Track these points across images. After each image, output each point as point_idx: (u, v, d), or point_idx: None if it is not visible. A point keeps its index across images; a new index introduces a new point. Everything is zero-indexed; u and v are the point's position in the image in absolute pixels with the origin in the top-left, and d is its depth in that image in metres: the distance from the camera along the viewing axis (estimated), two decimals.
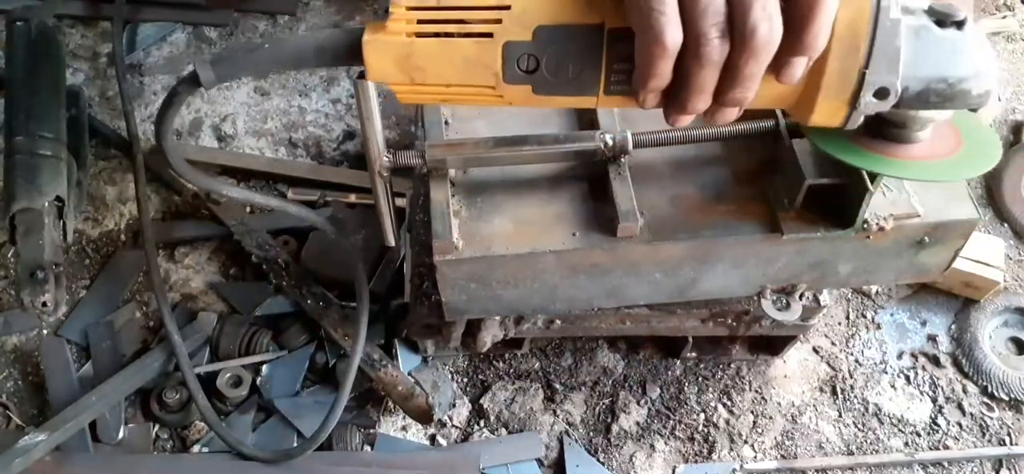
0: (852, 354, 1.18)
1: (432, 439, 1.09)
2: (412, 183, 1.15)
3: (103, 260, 1.22)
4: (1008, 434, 1.11)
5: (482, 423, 1.10)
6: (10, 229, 1.08)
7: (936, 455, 1.09)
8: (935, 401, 1.14)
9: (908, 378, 1.16)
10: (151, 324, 1.15)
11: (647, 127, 0.82)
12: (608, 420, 1.10)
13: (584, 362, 1.15)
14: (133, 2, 1.50)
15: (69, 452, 1.00)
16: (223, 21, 1.52)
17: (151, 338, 1.13)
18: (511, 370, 1.14)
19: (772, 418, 1.11)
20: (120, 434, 1.03)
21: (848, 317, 1.22)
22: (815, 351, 1.18)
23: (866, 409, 1.13)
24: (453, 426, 1.10)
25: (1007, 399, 1.13)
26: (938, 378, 1.16)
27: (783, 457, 1.08)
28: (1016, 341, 1.19)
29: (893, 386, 1.15)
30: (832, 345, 1.19)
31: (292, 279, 1.14)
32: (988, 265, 1.17)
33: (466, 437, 1.09)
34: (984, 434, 1.11)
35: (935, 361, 1.17)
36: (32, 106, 1.20)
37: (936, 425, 1.12)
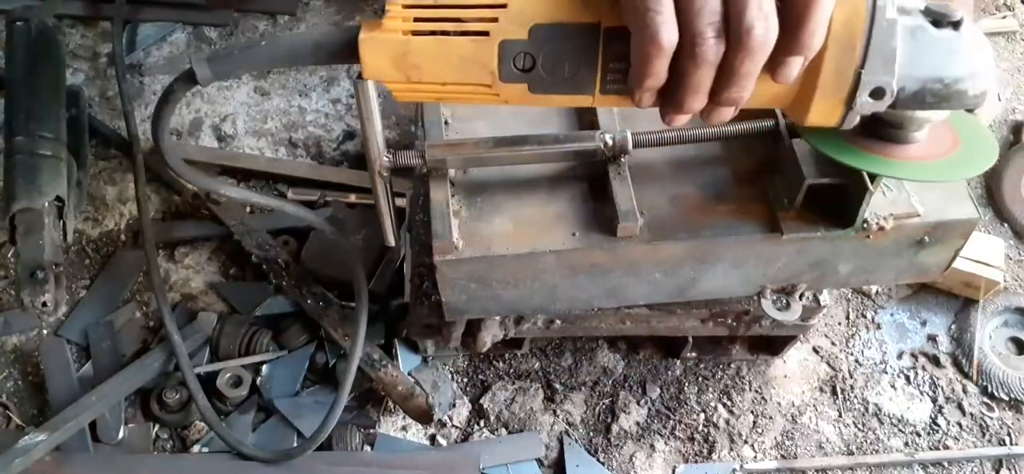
0: (852, 354, 1.18)
1: (432, 439, 1.09)
2: (412, 183, 1.15)
3: (103, 260, 1.22)
4: (1008, 434, 1.11)
5: (482, 423, 1.10)
6: (10, 229, 1.08)
7: (936, 455, 1.09)
8: (935, 401, 1.14)
9: (908, 378, 1.16)
10: (151, 324, 1.15)
11: (647, 127, 0.82)
12: (608, 420, 1.10)
13: (584, 362, 1.15)
14: (133, 2, 1.50)
15: (69, 452, 1.00)
16: (223, 21, 1.52)
17: (151, 338, 1.13)
18: (511, 370, 1.14)
19: (772, 418, 1.11)
20: (120, 434, 1.03)
21: (848, 317, 1.22)
22: (815, 351, 1.18)
23: (866, 409, 1.13)
24: (453, 426, 1.10)
25: (1007, 399, 1.13)
26: (938, 378, 1.16)
27: (783, 457, 1.08)
28: (1016, 341, 1.19)
29: (893, 386, 1.15)
30: (832, 345, 1.19)
31: (292, 279, 1.14)
32: (988, 265, 1.17)
33: (466, 437, 1.09)
34: (984, 434, 1.11)
35: (935, 361, 1.17)
36: (32, 106, 1.19)
37: (936, 425, 1.12)
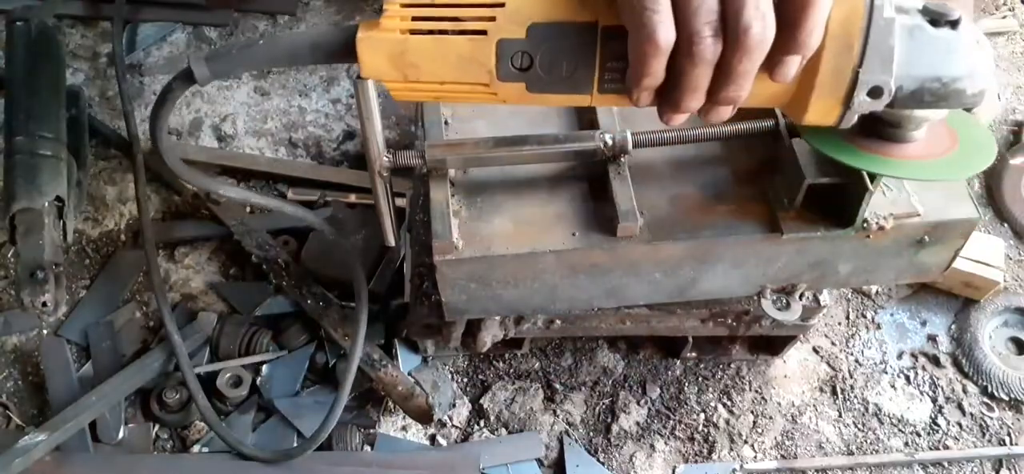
0: (852, 354, 1.18)
1: (432, 439, 1.09)
2: (412, 183, 1.15)
3: (103, 260, 1.22)
4: (1008, 434, 1.11)
5: (482, 423, 1.10)
6: (10, 229, 1.08)
7: (936, 455, 1.09)
8: (935, 401, 1.14)
9: (908, 378, 1.16)
10: (151, 324, 1.15)
11: (647, 127, 0.82)
12: (608, 420, 1.10)
13: (584, 362, 1.15)
14: (133, 2, 1.50)
15: (69, 452, 1.00)
16: (223, 21, 1.52)
17: (151, 338, 1.13)
18: (511, 370, 1.14)
19: (772, 418, 1.11)
20: (120, 434, 1.03)
21: (848, 317, 1.22)
22: (815, 351, 1.18)
23: (866, 409, 1.13)
24: (453, 426, 1.10)
25: (1007, 399, 1.13)
26: (938, 378, 1.16)
27: (783, 457, 1.08)
28: (1016, 341, 1.19)
29: (893, 386, 1.15)
30: (832, 345, 1.19)
31: (292, 279, 1.14)
32: (988, 265, 1.17)
33: (466, 437, 1.09)
34: (984, 434, 1.11)
35: (935, 361, 1.17)
36: (32, 106, 1.19)
37: (936, 425, 1.12)
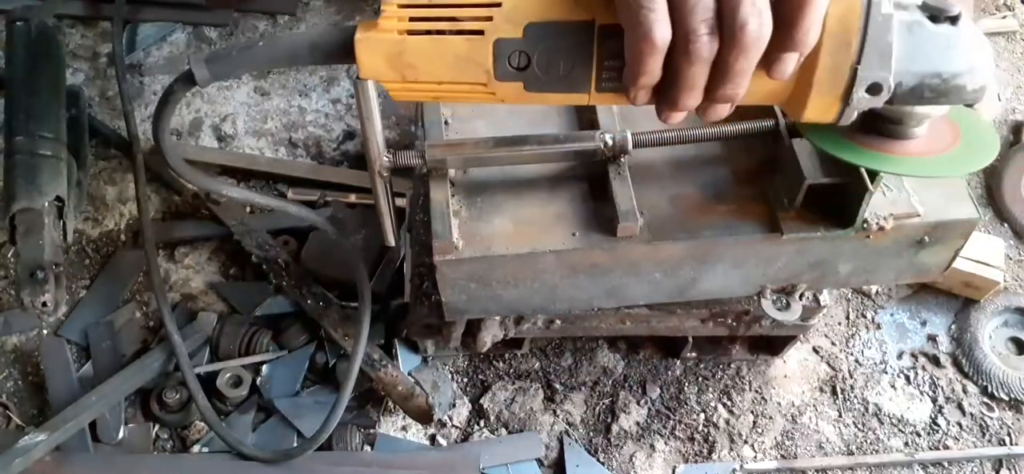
0: (852, 354, 1.18)
1: (432, 439, 1.09)
2: (412, 183, 1.15)
3: (103, 260, 1.22)
4: (1008, 434, 1.11)
5: (482, 423, 1.10)
6: (10, 229, 1.08)
7: (936, 455, 1.09)
8: (935, 401, 1.14)
9: (908, 378, 1.16)
10: (151, 324, 1.15)
11: (647, 127, 0.82)
12: (608, 420, 1.10)
13: (584, 362, 1.15)
14: (133, 2, 1.50)
15: (69, 452, 1.00)
16: (223, 21, 1.52)
17: (151, 338, 1.13)
18: (511, 370, 1.14)
19: (772, 418, 1.11)
20: (120, 434, 1.03)
21: (848, 317, 1.22)
22: (815, 351, 1.18)
23: (866, 409, 1.13)
24: (453, 426, 1.10)
25: (1007, 399, 1.13)
26: (938, 378, 1.16)
27: (783, 457, 1.08)
28: (1016, 341, 1.19)
29: (893, 386, 1.15)
30: (832, 345, 1.19)
31: (292, 279, 1.14)
32: (988, 265, 1.17)
33: (466, 437, 1.09)
34: (984, 434, 1.11)
35: (935, 361, 1.17)
36: (32, 106, 1.19)
37: (936, 425, 1.12)
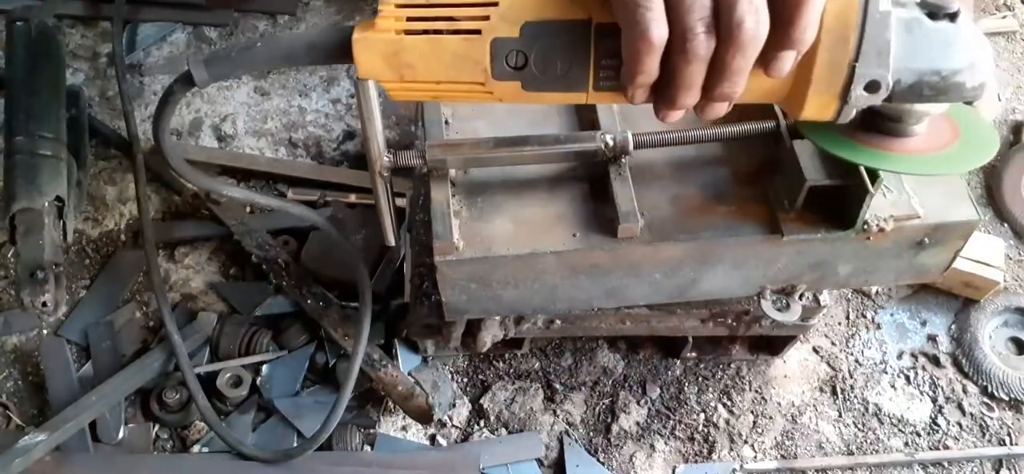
0: (852, 354, 1.18)
1: (432, 439, 1.09)
2: (412, 183, 1.15)
3: (103, 260, 1.22)
4: (1008, 434, 1.11)
5: (482, 423, 1.10)
6: (10, 229, 1.08)
7: (936, 455, 1.09)
8: (935, 401, 1.14)
9: (908, 378, 1.16)
10: (151, 324, 1.15)
11: (648, 127, 0.82)
12: (608, 420, 1.10)
13: (584, 362, 1.15)
14: (133, 2, 1.50)
15: (69, 452, 1.00)
16: (223, 21, 1.52)
17: (151, 338, 1.13)
18: (511, 370, 1.14)
19: (772, 418, 1.11)
20: (120, 434, 1.03)
21: (848, 317, 1.22)
22: (815, 351, 1.18)
23: (866, 409, 1.13)
24: (453, 426, 1.10)
25: (1007, 399, 1.13)
26: (938, 378, 1.16)
27: (783, 457, 1.08)
28: (1016, 341, 1.19)
29: (893, 386, 1.15)
30: (832, 345, 1.19)
31: (292, 279, 1.14)
32: (988, 265, 1.17)
33: (466, 437, 1.09)
34: (984, 434, 1.11)
35: (935, 361, 1.17)
36: (32, 106, 1.19)
37: (936, 425, 1.12)
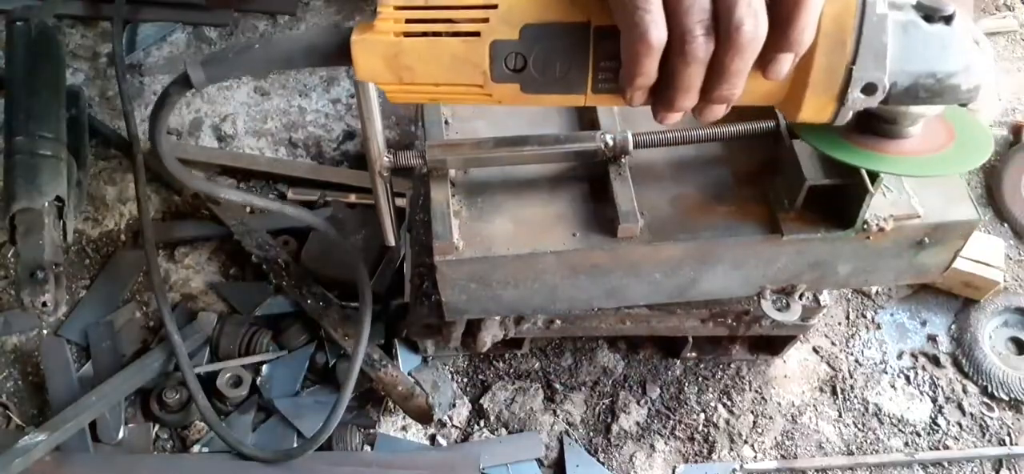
0: (852, 354, 1.18)
1: (432, 439, 1.09)
2: (412, 183, 1.15)
3: (103, 260, 1.22)
4: (1008, 434, 1.11)
5: (482, 423, 1.10)
6: (10, 229, 1.08)
7: (936, 455, 1.09)
8: (935, 401, 1.14)
9: (908, 378, 1.16)
10: (151, 324, 1.15)
11: (648, 127, 0.82)
12: (608, 420, 1.10)
13: (584, 362, 1.15)
14: (133, 2, 1.50)
15: (69, 452, 1.00)
16: (223, 21, 1.52)
17: (151, 338, 1.13)
18: (511, 370, 1.14)
19: (772, 418, 1.12)
20: (120, 434, 1.04)
21: (848, 317, 1.22)
22: (815, 351, 1.18)
23: (866, 409, 1.13)
24: (453, 426, 1.10)
25: (1007, 399, 1.13)
26: (938, 378, 1.16)
27: (783, 457, 1.08)
28: (1016, 341, 1.19)
29: (893, 386, 1.15)
30: (832, 345, 1.19)
31: (292, 279, 1.14)
32: (988, 265, 1.17)
33: (466, 437, 1.09)
34: (984, 434, 1.11)
35: (935, 361, 1.17)
36: (32, 106, 1.20)
37: (936, 425, 1.12)
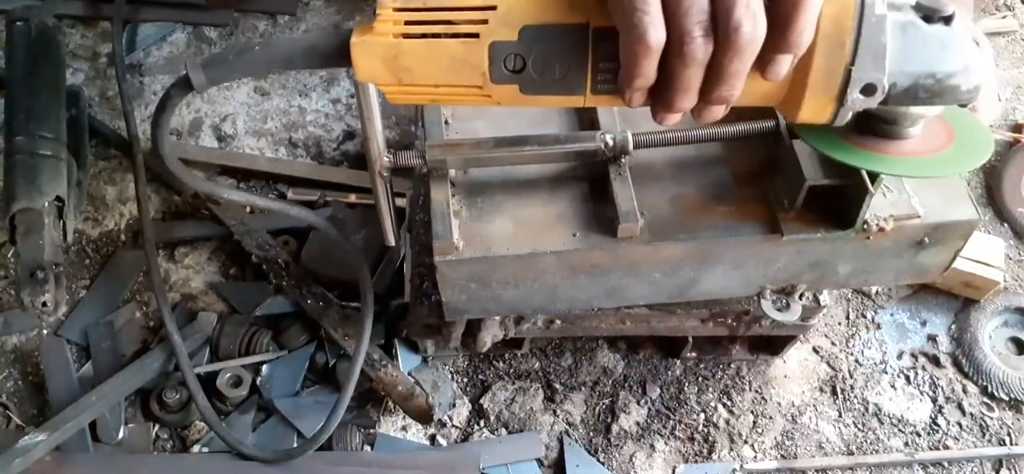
0: (852, 354, 1.18)
1: (432, 439, 1.09)
2: (412, 183, 1.15)
3: (103, 260, 1.22)
4: (1008, 434, 1.11)
5: (482, 423, 1.10)
6: (10, 229, 1.08)
7: (936, 455, 1.09)
8: (935, 401, 1.14)
9: (908, 378, 1.16)
10: (151, 324, 1.15)
11: (648, 127, 0.82)
12: (608, 420, 1.10)
13: (584, 362, 1.15)
14: (133, 2, 1.50)
15: (69, 452, 1.00)
16: (223, 21, 1.52)
17: (151, 338, 1.13)
18: (511, 370, 1.14)
19: (772, 418, 1.12)
20: (120, 434, 1.04)
21: (848, 317, 1.22)
22: (815, 351, 1.18)
23: (866, 409, 1.13)
24: (453, 426, 1.10)
25: (1007, 399, 1.13)
26: (938, 378, 1.16)
27: (783, 457, 1.08)
28: (1016, 341, 1.19)
29: (893, 386, 1.15)
30: (832, 345, 1.19)
31: (292, 279, 1.14)
32: (988, 265, 1.17)
33: (466, 437, 1.09)
34: (984, 434, 1.11)
35: (935, 361, 1.17)
36: (32, 106, 1.19)
37: (936, 425, 1.12)
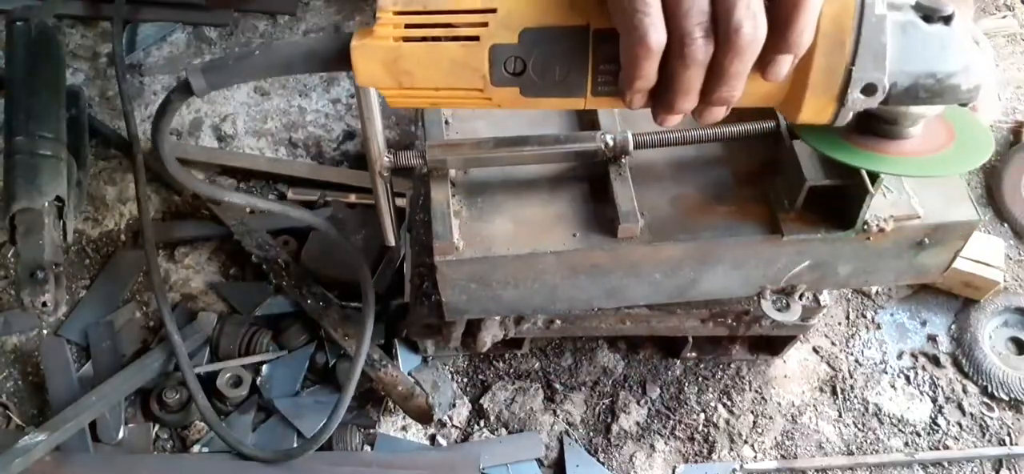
0: (852, 354, 1.18)
1: (432, 439, 1.09)
2: (412, 183, 1.15)
3: (103, 260, 1.22)
4: (1008, 434, 1.11)
5: (482, 423, 1.10)
6: (10, 229, 1.08)
7: (936, 455, 1.09)
8: (935, 401, 1.14)
9: (908, 378, 1.16)
10: (151, 324, 1.15)
11: (648, 128, 0.82)
12: (608, 420, 1.10)
13: (584, 362, 1.15)
14: (133, 2, 1.50)
15: (69, 452, 1.00)
16: (223, 21, 1.52)
17: (151, 338, 1.13)
18: (511, 370, 1.14)
19: (772, 418, 1.12)
20: (120, 434, 1.04)
21: (848, 317, 1.22)
22: (815, 351, 1.18)
23: (866, 409, 1.13)
24: (453, 426, 1.10)
25: (1007, 399, 1.13)
26: (938, 378, 1.16)
27: (783, 457, 1.08)
28: (1016, 341, 1.19)
29: (893, 386, 1.15)
30: (832, 345, 1.19)
31: (292, 279, 1.14)
32: (988, 265, 1.17)
33: (466, 437, 1.09)
34: (984, 434, 1.11)
35: (935, 361, 1.17)
36: (32, 106, 1.19)
37: (936, 425, 1.12)
